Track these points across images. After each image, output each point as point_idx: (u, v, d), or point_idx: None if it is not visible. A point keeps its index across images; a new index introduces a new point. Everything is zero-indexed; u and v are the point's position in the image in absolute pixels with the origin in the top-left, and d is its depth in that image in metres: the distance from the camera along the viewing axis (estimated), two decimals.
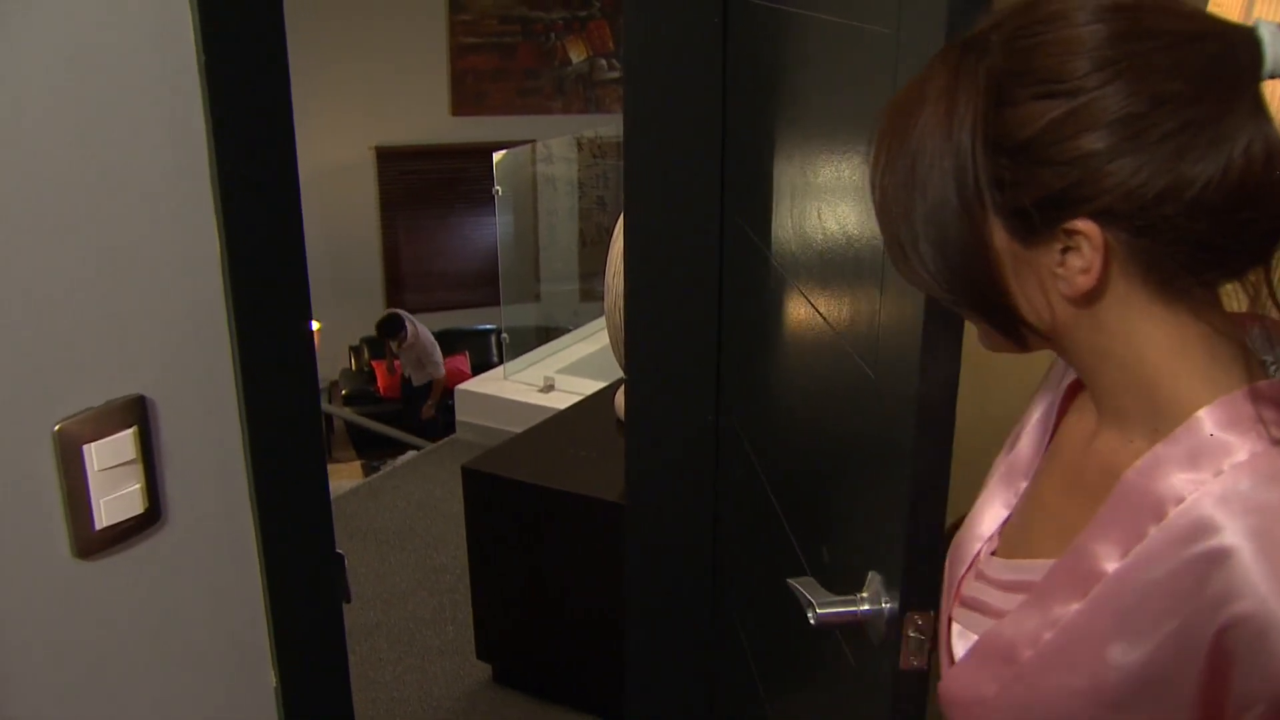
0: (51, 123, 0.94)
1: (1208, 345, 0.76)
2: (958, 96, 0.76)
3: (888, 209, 0.83)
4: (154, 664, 1.13)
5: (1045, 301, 0.79)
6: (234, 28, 1.08)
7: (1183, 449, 0.75)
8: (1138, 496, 0.76)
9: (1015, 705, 0.83)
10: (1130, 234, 0.73)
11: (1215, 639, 0.69)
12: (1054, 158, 0.73)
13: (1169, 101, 0.70)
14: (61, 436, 0.98)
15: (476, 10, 9.66)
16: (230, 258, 1.11)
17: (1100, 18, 0.72)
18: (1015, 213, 0.76)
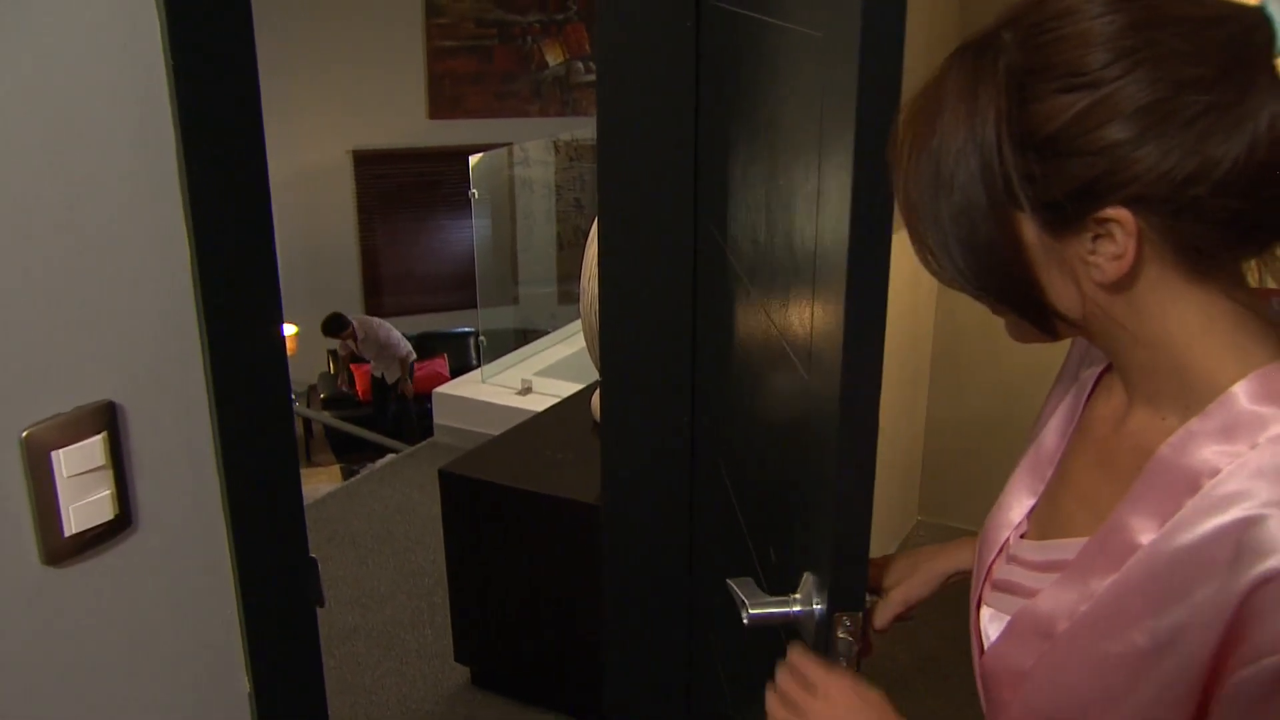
0: (18, 128, 0.93)
1: (1236, 321, 0.78)
2: (978, 96, 0.77)
3: (914, 212, 0.84)
4: (126, 671, 1.12)
5: (1076, 290, 0.80)
6: (202, 32, 1.07)
7: (1216, 423, 0.76)
8: (1172, 471, 0.78)
9: (1053, 676, 0.85)
10: (1161, 217, 0.74)
11: (1243, 598, 0.70)
12: (1082, 149, 0.74)
13: (1191, 85, 0.71)
14: (29, 443, 0.97)
15: (453, 14, 9.67)
16: (200, 262, 1.11)
17: (1115, 8, 0.74)
18: (1046, 206, 0.77)
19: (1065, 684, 0.83)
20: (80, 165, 0.99)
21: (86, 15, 0.97)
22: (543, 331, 6.51)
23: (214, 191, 1.11)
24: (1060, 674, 0.84)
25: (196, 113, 1.08)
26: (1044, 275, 0.81)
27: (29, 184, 0.95)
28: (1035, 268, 0.81)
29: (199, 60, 1.07)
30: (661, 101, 1.94)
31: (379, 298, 10.34)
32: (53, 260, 0.98)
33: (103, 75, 1.00)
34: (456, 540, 3.22)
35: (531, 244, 7.42)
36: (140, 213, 1.05)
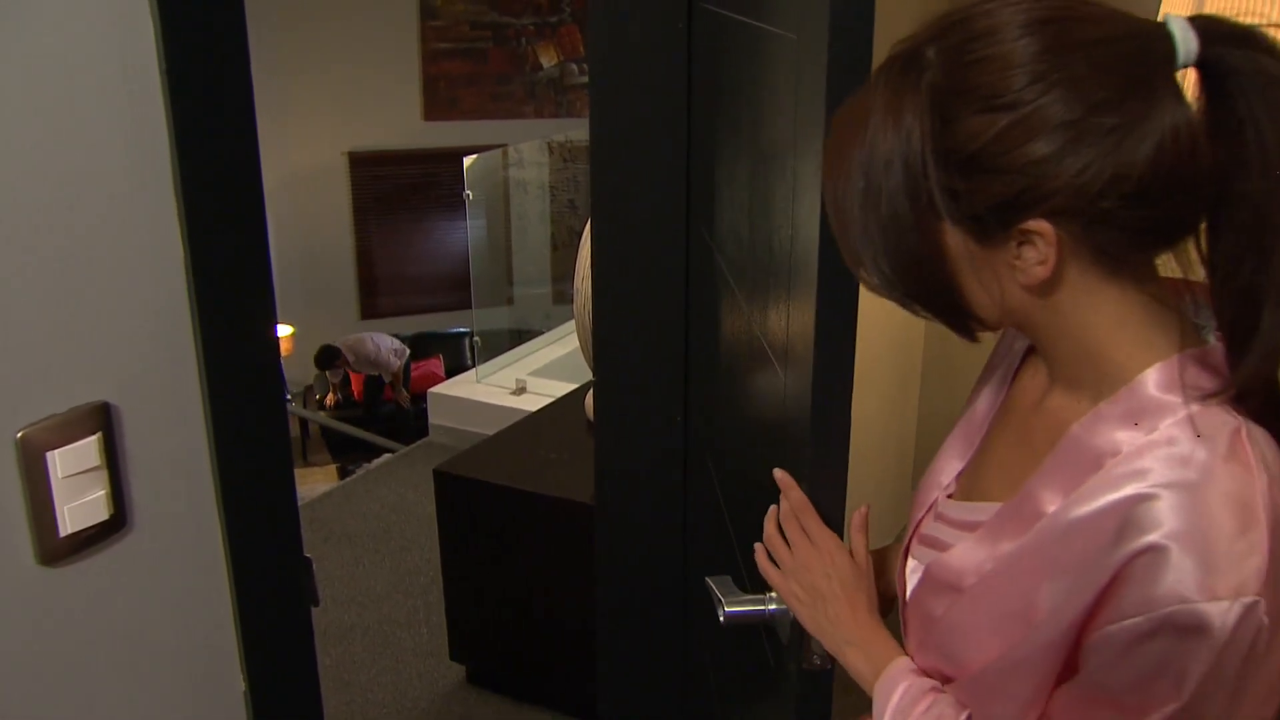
0: (13, 131, 0.94)
1: (1148, 314, 0.84)
2: (904, 112, 0.81)
3: (843, 222, 0.88)
4: (122, 670, 1.12)
5: (1000, 292, 0.85)
6: (196, 35, 1.08)
7: (1123, 408, 0.83)
8: (1080, 449, 0.85)
9: (958, 625, 0.92)
10: (1080, 226, 0.79)
11: (1120, 566, 0.77)
12: (1003, 167, 0.78)
13: (1101, 105, 0.76)
14: (24, 444, 0.98)
15: (448, 16, 9.65)
16: (194, 263, 1.11)
17: (1030, 31, 0.78)
18: (971, 218, 0.81)
19: (968, 633, 0.91)
20: (75, 167, 0.99)
21: (81, 19, 0.97)
22: (537, 332, 6.50)
23: (207, 194, 1.12)
24: (964, 624, 0.92)
25: (190, 115, 1.08)
26: (969, 280, 0.86)
27: (23, 186, 0.95)
28: (959, 274, 0.86)
29: (193, 62, 1.07)
30: (654, 103, 1.95)
31: (374, 298, 10.32)
32: (47, 263, 0.98)
33: (96, 78, 1.00)
34: (451, 539, 3.23)
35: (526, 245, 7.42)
36: (134, 215, 1.05)
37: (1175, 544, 0.75)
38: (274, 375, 1.27)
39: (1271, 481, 0.77)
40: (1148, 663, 0.76)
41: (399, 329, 9.67)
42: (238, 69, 1.14)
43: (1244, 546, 0.74)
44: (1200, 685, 0.75)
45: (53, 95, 0.96)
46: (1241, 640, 0.74)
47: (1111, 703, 0.80)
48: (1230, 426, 0.79)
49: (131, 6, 1.02)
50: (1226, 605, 0.73)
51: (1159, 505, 0.76)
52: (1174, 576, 0.74)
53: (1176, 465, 0.77)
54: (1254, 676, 0.76)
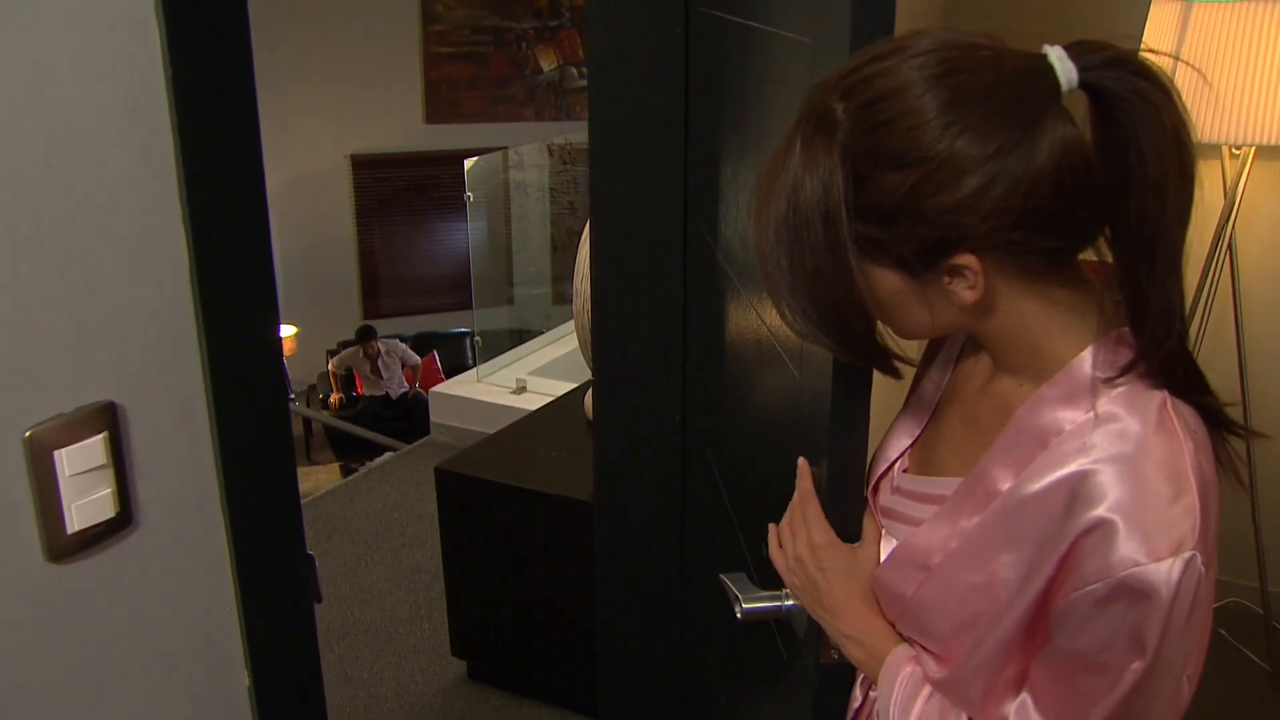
0: (19, 133, 0.94)
1: (1074, 304, 0.91)
2: (819, 169, 0.87)
3: (769, 273, 0.94)
4: (127, 666, 1.13)
5: (935, 315, 0.93)
6: (200, 38, 1.07)
7: (1062, 390, 0.90)
8: (1026, 429, 0.92)
9: (928, 601, 0.99)
10: (1001, 253, 0.86)
11: (1075, 539, 0.84)
12: (921, 216, 0.84)
13: (1002, 147, 0.81)
14: (32, 442, 0.98)
15: (449, 21, 9.67)
16: (198, 265, 1.11)
17: (930, 88, 0.83)
18: (900, 263, 0.88)
19: (939, 609, 0.97)
20: (80, 170, 0.99)
21: (86, 22, 0.98)
22: (537, 332, 6.50)
23: (211, 196, 1.12)
24: (935, 600, 0.98)
25: (194, 118, 1.08)
26: (902, 310, 0.93)
27: (30, 190, 0.95)
28: (892, 307, 0.93)
29: (197, 66, 1.08)
30: (652, 106, 1.95)
31: (376, 299, 10.34)
32: (54, 265, 0.98)
33: (101, 80, 1.00)
34: (453, 537, 3.23)
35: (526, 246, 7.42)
36: (139, 218, 1.06)
37: (1120, 514, 0.82)
38: (277, 375, 1.27)
39: (1197, 447, 0.86)
40: (1110, 625, 0.83)
41: (401, 329, 9.69)
42: (241, 72, 1.14)
43: (1180, 509, 0.82)
44: (1160, 640, 0.82)
45: (58, 98, 0.96)
46: (1186, 592, 0.81)
47: (1086, 665, 0.86)
48: (1157, 400, 0.87)
49: (137, 11, 1.02)
50: (1170, 563, 0.81)
51: (1102, 478, 0.84)
52: (1122, 543, 0.82)
53: (1114, 440, 0.85)
54: (1201, 622, 0.85)
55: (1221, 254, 2.82)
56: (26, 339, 0.98)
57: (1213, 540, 0.85)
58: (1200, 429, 0.89)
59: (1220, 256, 2.82)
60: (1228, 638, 3.31)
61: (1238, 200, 2.75)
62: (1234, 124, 2.49)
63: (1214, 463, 0.89)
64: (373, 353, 8.96)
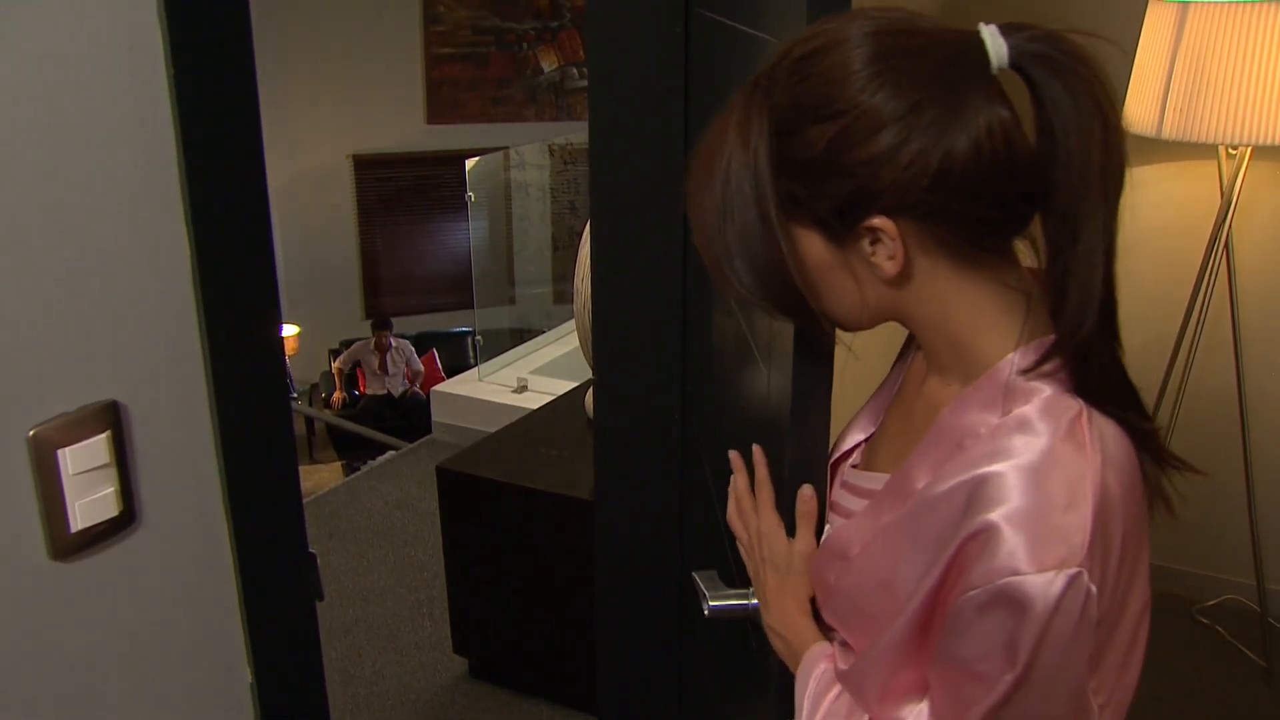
0: (22, 133, 0.94)
1: (1005, 303, 0.89)
2: (751, 129, 0.87)
3: (704, 236, 0.93)
4: (131, 663, 1.13)
5: (863, 290, 0.91)
6: (202, 39, 1.08)
7: (983, 393, 0.89)
8: (947, 431, 0.90)
9: (846, 591, 0.98)
10: (917, 219, 0.85)
11: (963, 542, 0.82)
12: (838, 170, 0.83)
13: (921, 104, 0.81)
14: (36, 441, 0.99)
15: (451, 21, 9.67)
16: (200, 265, 1.11)
17: (859, 44, 0.83)
18: (819, 222, 0.87)
19: (853, 600, 0.98)
20: (83, 169, 0.99)
21: (89, 21, 0.98)
22: (538, 331, 6.51)
23: (213, 195, 1.12)
24: (850, 591, 0.98)
25: (196, 118, 1.08)
26: (832, 282, 0.91)
27: (33, 190, 0.95)
28: (821, 278, 0.91)
29: (199, 66, 1.08)
30: (652, 106, 1.95)
31: (378, 298, 10.34)
32: (57, 265, 0.99)
33: (104, 81, 1.00)
34: (454, 535, 3.24)
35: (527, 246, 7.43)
36: (141, 217, 1.06)
37: (1007, 520, 0.79)
38: (279, 374, 1.27)
39: (1105, 463, 0.82)
40: (989, 632, 0.81)
41: (402, 328, 9.69)
42: (243, 72, 1.14)
43: (1071, 521, 0.79)
44: (1032, 654, 0.79)
45: (61, 99, 0.97)
46: (1069, 610, 0.79)
47: (966, 673, 0.84)
48: (1073, 411, 0.84)
49: (140, 12, 1.02)
50: (1051, 576, 0.78)
51: (999, 483, 0.81)
52: (1006, 550, 0.79)
53: (1021, 446, 0.82)
54: (1086, 643, 0.81)
55: (1218, 253, 2.82)
56: (30, 339, 0.98)
57: (1117, 563, 0.82)
58: (1120, 448, 0.85)
59: (1217, 256, 2.83)
60: (1224, 634, 3.32)
61: (1234, 200, 2.76)
62: (1230, 124, 2.50)
63: (1130, 484, 0.85)
64: (385, 345, 8.99)
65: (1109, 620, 0.83)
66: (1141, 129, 2.67)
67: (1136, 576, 0.87)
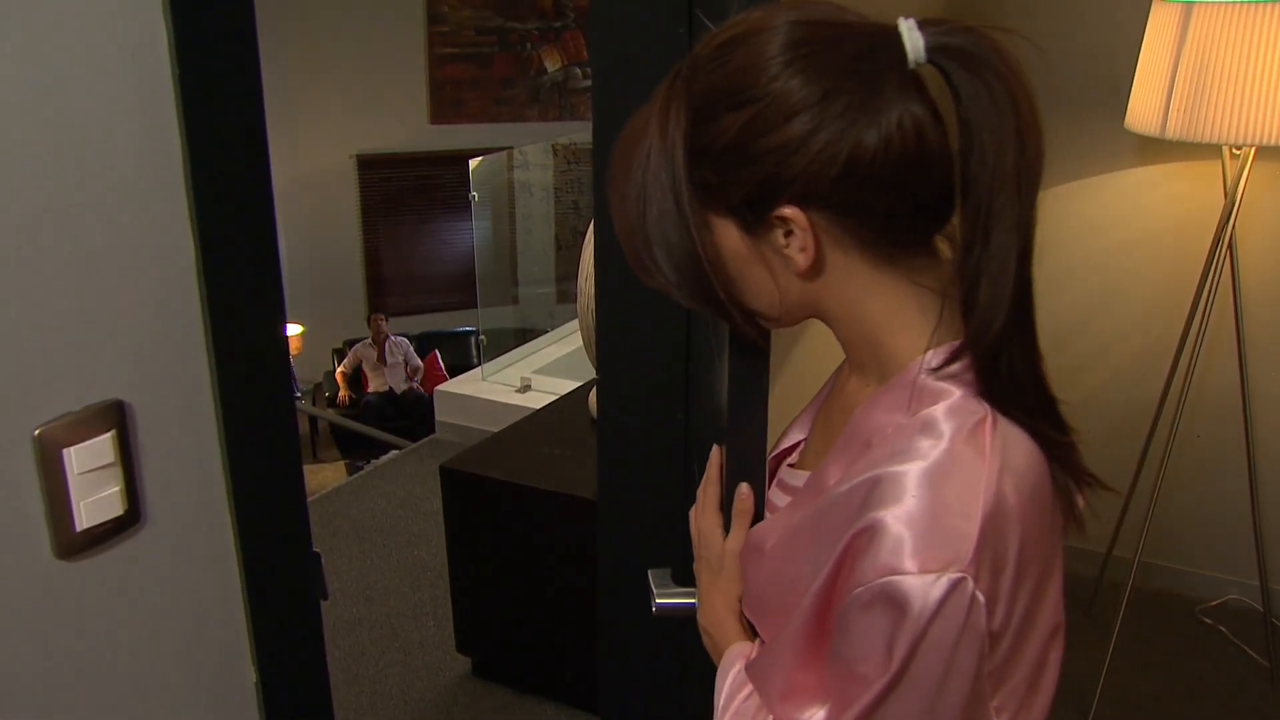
0: (27, 131, 0.94)
1: (920, 304, 0.88)
2: (669, 118, 0.86)
3: (624, 223, 0.92)
4: (135, 662, 1.13)
5: (779, 283, 0.89)
6: (207, 39, 1.08)
7: (893, 394, 0.88)
8: (858, 430, 0.90)
9: (760, 585, 0.99)
10: (827, 211, 0.83)
11: (848, 541, 0.81)
12: (749, 157, 0.82)
13: (832, 93, 0.79)
14: (42, 441, 0.99)
15: (454, 22, 9.68)
16: (205, 264, 1.12)
17: (777, 33, 0.82)
18: (731, 210, 0.86)
19: (763, 594, 0.98)
20: (88, 169, 1.00)
21: (94, 22, 0.98)
22: (541, 331, 6.52)
23: (218, 194, 1.12)
24: (762, 585, 0.98)
25: (201, 118, 1.09)
26: (749, 275, 0.90)
27: (38, 190, 0.96)
28: (739, 270, 0.90)
29: (204, 67, 1.08)
30: None
31: (382, 298, 10.35)
32: (62, 265, 0.99)
33: (109, 81, 1.00)
34: (457, 534, 3.24)
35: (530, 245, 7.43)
36: (146, 217, 1.06)
37: (895, 519, 0.78)
38: (283, 373, 1.27)
39: (1003, 470, 0.80)
40: (868, 633, 0.80)
41: (406, 328, 9.70)
42: (248, 72, 1.14)
43: (960, 527, 0.77)
44: (907, 657, 0.78)
45: (66, 98, 0.97)
46: (951, 616, 0.77)
47: (850, 673, 0.83)
48: (978, 415, 0.83)
49: (145, 12, 1.02)
50: (932, 579, 0.76)
51: (893, 483, 0.80)
52: (889, 549, 0.78)
53: (920, 448, 0.81)
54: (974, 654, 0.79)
55: (1222, 254, 2.82)
56: (35, 338, 0.98)
57: (1015, 574, 0.80)
58: (1025, 457, 0.84)
59: (1221, 256, 2.82)
60: (1227, 634, 3.32)
61: (1238, 200, 2.76)
62: (1234, 124, 2.50)
63: (1034, 495, 0.83)
64: (380, 331, 9.01)
65: (1012, 636, 0.82)
66: (1145, 129, 2.67)
67: (1045, 593, 0.85)
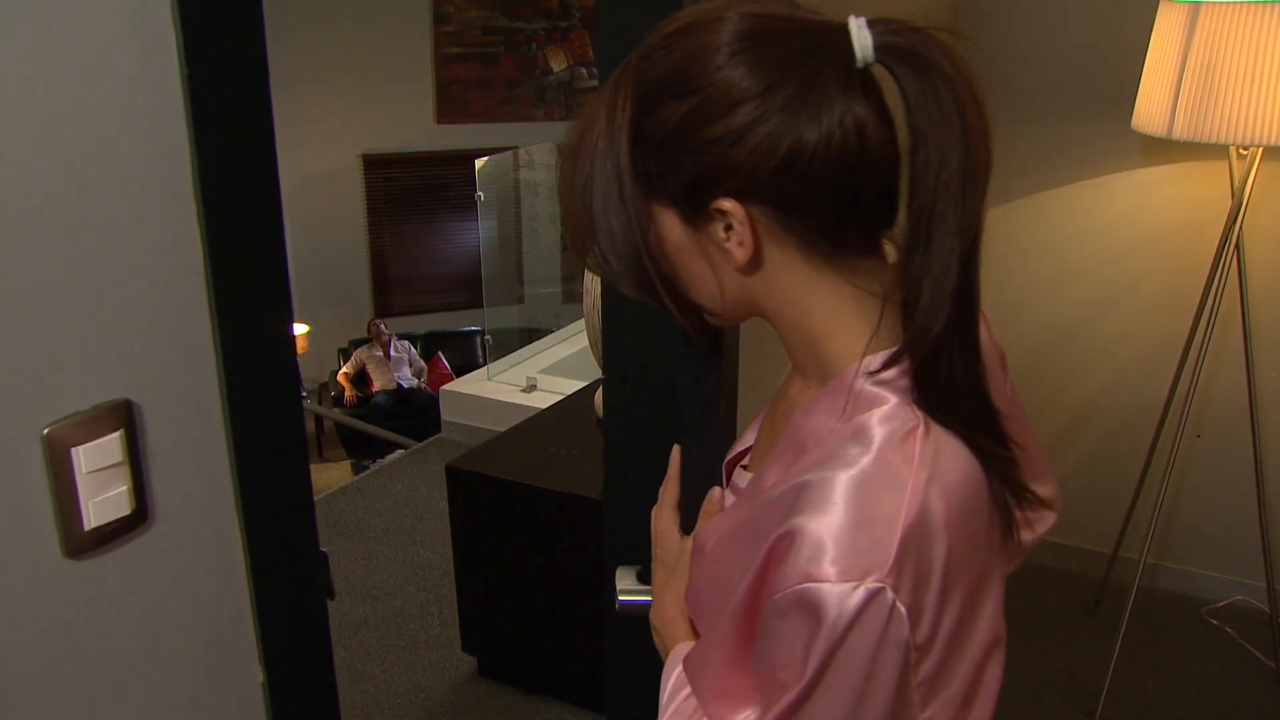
0: (35, 131, 0.94)
1: (860, 307, 0.87)
2: (616, 106, 0.85)
3: (571, 211, 0.91)
4: (143, 660, 1.14)
5: (719, 278, 0.88)
6: (215, 39, 1.08)
7: (831, 398, 0.86)
8: (796, 434, 0.88)
9: (701, 587, 0.98)
10: (766, 206, 0.82)
11: (771, 545, 0.80)
12: (689, 147, 0.81)
13: (774, 86, 0.78)
14: (50, 440, 0.99)
15: (460, 22, 9.69)
16: (212, 264, 1.12)
17: (726, 24, 0.81)
18: (673, 200, 0.85)
19: (700, 594, 0.97)
20: (96, 169, 1.00)
21: (102, 23, 0.98)
22: (547, 330, 6.53)
23: (225, 195, 1.12)
24: (701, 587, 0.97)
25: (209, 117, 1.09)
26: (689, 266, 0.89)
27: (46, 190, 0.96)
28: (679, 261, 0.89)
29: (212, 67, 1.08)
30: None
31: (387, 297, 10.36)
32: (70, 264, 0.99)
33: (118, 82, 1.01)
34: (463, 534, 3.25)
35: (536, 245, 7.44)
36: (154, 217, 1.06)
37: (817, 526, 0.77)
38: (290, 373, 1.27)
39: (930, 481, 0.79)
40: (786, 638, 0.79)
41: (412, 327, 9.71)
42: (256, 72, 1.15)
43: (881, 536, 0.76)
44: (822, 664, 0.77)
45: (75, 100, 0.97)
46: (869, 626, 0.76)
47: (771, 677, 0.82)
48: (910, 424, 0.81)
49: (153, 14, 1.03)
50: (850, 588, 0.75)
51: (819, 489, 0.79)
52: (807, 555, 0.77)
53: (849, 455, 0.80)
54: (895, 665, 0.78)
55: (1229, 254, 2.82)
56: (43, 338, 0.99)
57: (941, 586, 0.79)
58: (959, 469, 0.82)
59: (1228, 257, 2.82)
60: (1234, 636, 3.32)
61: (1245, 201, 2.76)
62: (1241, 124, 2.50)
63: (965, 508, 0.81)
64: (384, 340, 9.02)
65: (942, 649, 0.80)
66: (1152, 129, 2.66)
67: (980, 606, 0.84)
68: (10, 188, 0.94)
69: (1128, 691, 3.07)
